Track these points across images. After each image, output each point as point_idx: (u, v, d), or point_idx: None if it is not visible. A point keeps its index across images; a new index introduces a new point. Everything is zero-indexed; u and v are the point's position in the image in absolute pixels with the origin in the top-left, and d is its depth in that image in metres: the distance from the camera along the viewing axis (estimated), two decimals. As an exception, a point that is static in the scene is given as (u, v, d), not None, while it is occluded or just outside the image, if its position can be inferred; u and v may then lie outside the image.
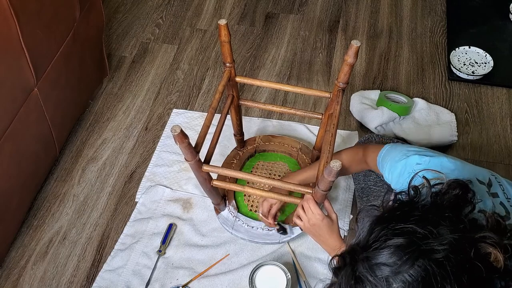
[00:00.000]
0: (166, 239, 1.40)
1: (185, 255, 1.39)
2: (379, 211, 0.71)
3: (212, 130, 1.15)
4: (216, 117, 1.16)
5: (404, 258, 0.61)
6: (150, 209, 1.48)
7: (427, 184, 0.72)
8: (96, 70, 1.72)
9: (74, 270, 1.39)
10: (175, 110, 1.73)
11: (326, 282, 0.72)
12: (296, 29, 2.01)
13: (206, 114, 1.07)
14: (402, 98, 1.67)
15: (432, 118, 1.65)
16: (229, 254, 1.38)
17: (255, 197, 1.43)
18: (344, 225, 1.41)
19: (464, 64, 1.81)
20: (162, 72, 1.87)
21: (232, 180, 1.43)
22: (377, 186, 1.30)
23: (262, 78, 1.83)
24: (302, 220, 1.12)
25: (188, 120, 1.70)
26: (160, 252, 1.38)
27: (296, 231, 1.34)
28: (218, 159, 1.54)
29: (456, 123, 1.64)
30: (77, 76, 1.53)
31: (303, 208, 1.11)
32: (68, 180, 1.57)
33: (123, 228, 1.45)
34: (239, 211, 1.39)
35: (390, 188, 1.10)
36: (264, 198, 1.28)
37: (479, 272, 0.61)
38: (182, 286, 1.33)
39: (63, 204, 1.51)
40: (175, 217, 1.46)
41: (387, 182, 0.99)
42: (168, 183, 1.54)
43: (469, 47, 1.85)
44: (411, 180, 0.77)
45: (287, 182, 1.09)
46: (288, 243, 1.38)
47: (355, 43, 1.01)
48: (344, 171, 1.18)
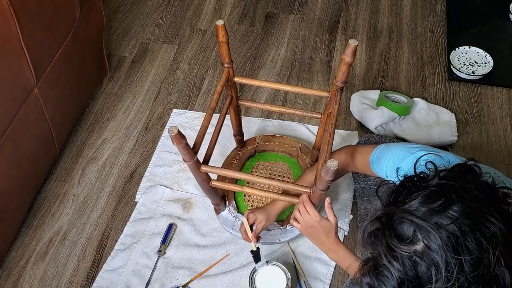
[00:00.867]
0: (166, 239, 1.40)
1: (185, 255, 1.39)
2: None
3: (211, 130, 1.15)
4: (216, 117, 1.16)
5: (445, 199, 0.64)
6: (150, 209, 1.48)
7: (434, 167, 0.73)
8: (96, 70, 1.72)
9: (74, 270, 1.39)
10: (175, 110, 1.74)
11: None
12: (296, 29, 2.01)
13: (205, 114, 1.07)
14: (402, 98, 1.67)
15: (432, 118, 1.64)
16: (229, 254, 1.38)
17: (255, 197, 1.43)
18: (344, 225, 1.41)
19: (464, 64, 1.81)
20: (162, 72, 1.88)
21: (232, 180, 1.43)
22: (377, 186, 1.29)
23: (262, 78, 1.83)
24: (299, 222, 1.11)
25: (188, 120, 1.70)
26: (160, 252, 1.39)
27: (295, 231, 1.34)
28: (218, 159, 1.55)
29: (456, 123, 1.64)
30: (77, 76, 1.53)
31: (299, 210, 1.10)
32: (68, 180, 1.57)
33: (123, 228, 1.45)
34: (239, 211, 1.39)
35: (372, 186, 1.10)
36: (251, 211, 1.24)
37: (508, 213, 0.66)
38: (182, 286, 1.33)
39: (63, 204, 1.52)
40: (175, 217, 1.46)
41: (380, 177, 0.99)
42: (168, 183, 1.54)
43: (469, 47, 1.84)
44: (416, 163, 0.78)
45: (285, 182, 1.09)
46: (288, 243, 1.38)
47: (353, 42, 1.01)
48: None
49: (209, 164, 1.07)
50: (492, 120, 1.68)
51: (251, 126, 1.67)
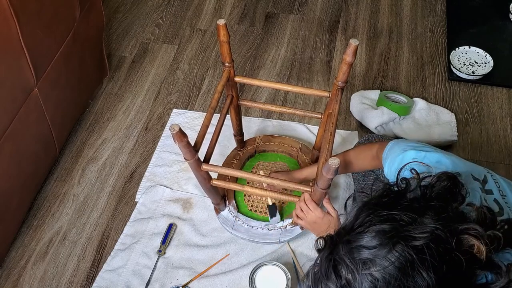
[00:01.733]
0: (166, 239, 1.40)
1: (185, 255, 1.39)
2: (367, 197, 0.71)
3: (212, 130, 1.15)
4: (216, 117, 1.16)
5: (384, 243, 0.62)
6: (150, 209, 1.48)
7: (416, 176, 0.72)
8: (96, 70, 1.72)
9: (74, 270, 1.39)
10: (175, 110, 1.74)
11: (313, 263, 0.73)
12: (296, 29, 2.01)
13: (206, 114, 1.07)
14: (402, 98, 1.67)
15: (432, 118, 1.64)
16: (229, 254, 1.38)
17: (255, 197, 1.43)
18: (344, 225, 1.41)
19: (464, 64, 1.81)
20: (162, 72, 1.87)
21: (232, 179, 1.43)
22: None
23: (262, 78, 1.83)
24: (302, 219, 1.13)
25: (188, 120, 1.70)
26: (160, 252, 1.38)
27: (295, 231, 1.34)
28: (218, 159, 1.54)
29: (456, 123, 1.64)
30: (77, 76, 1.53)
31: (302, 209, 1.11)
32: (68, 180, 1.57)
33: (123, 228, 1.45)
34: (239, 211, 1.39)
35: (378, 177, 1.09)
36: (277, 171, 1.40)
37: (459, 263, 0.61)
38: (182, 286, 1.33)
39: (63, 204, 1.51)
40: (175, 217, 1.46)
41: (386, 178, 0.99)
42: (168, 183, 1.54)
43: (469, 47, 1.84)
44: (400, 171, 0.78)
45: (286, 180, 1.09)
46: (288, 243, 1.38)
47: (354, 42, 1.01)
48: (351, 167, 1.18)
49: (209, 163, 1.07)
50: (492, 120, 1.68)
51: (251, 126, 1.67)
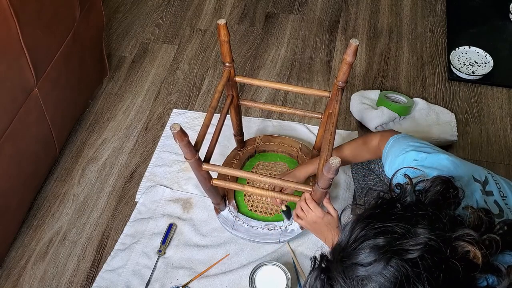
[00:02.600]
0: (166, 239, 1.40)
1: (185, 255, 1.39)
2: (361, 210, 0.71)
3: (212, 130, 1.15)
4: (216, 117, 1.16)
5: (378, 258, 0.61)
6: (150, 209, 1.48)
7: (410, 182, 0.72)
8: (96, 70, 1.72)
9: (74, 270, 1.39)
10: (175, 110, 1.74)
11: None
12: (296, 29, 2.01)
13: (206, 114, 1.07)
14: (402, 98, 1.67)
15: (432, 118, 1.64)
16: (229, 254, 1.38)
17: (255, 196, 1.43)
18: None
19: (464, 64, 1.81)
20: (162, 72, 1.87)
21: (232, 179, 1.43)
22: (376, 186, 1.30)
23: (262, 78, 1.83)
24: (302, 219, 1.13)
25: (188, 120, 1.70)
26: (160, 252, 1.38)
27: (295, 231, 1.34)
28: (218, 159, 1.54)
29: (456, 123, 1.64)
30: (77, 76, 1.53)
31: (302, 208, 1.11)
32: (68, 180, 1.57)
33: (123, 228, 1.45)
34: (239, 211, 1.39)
35: (372, 186, 1.09)
36: (280, 174, 1.32)
37: (455, 271, 0.61)
38: (182, 286, 1.33)
39: (63, 204, 1.51)
40: (175, 217, 1.46)
41: (387, 177, 0.99)
42: (168, 183, 1.54)
43: (469, 47, 1.84)
44: (392, 177, 0.77)
45: (287, 180, 1.09)
46: (288, 243, 1.38)
47: (354, 42, 1.01)
48: (351, 158, 1.18)
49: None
50: (492, 120, 1.68)
51: (251, 126, 1.67)
